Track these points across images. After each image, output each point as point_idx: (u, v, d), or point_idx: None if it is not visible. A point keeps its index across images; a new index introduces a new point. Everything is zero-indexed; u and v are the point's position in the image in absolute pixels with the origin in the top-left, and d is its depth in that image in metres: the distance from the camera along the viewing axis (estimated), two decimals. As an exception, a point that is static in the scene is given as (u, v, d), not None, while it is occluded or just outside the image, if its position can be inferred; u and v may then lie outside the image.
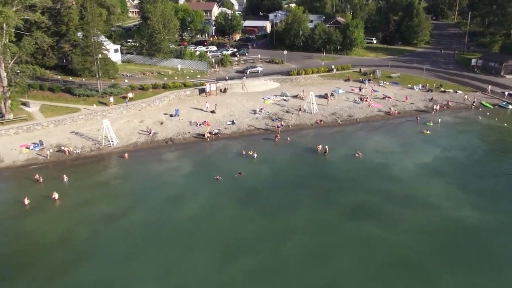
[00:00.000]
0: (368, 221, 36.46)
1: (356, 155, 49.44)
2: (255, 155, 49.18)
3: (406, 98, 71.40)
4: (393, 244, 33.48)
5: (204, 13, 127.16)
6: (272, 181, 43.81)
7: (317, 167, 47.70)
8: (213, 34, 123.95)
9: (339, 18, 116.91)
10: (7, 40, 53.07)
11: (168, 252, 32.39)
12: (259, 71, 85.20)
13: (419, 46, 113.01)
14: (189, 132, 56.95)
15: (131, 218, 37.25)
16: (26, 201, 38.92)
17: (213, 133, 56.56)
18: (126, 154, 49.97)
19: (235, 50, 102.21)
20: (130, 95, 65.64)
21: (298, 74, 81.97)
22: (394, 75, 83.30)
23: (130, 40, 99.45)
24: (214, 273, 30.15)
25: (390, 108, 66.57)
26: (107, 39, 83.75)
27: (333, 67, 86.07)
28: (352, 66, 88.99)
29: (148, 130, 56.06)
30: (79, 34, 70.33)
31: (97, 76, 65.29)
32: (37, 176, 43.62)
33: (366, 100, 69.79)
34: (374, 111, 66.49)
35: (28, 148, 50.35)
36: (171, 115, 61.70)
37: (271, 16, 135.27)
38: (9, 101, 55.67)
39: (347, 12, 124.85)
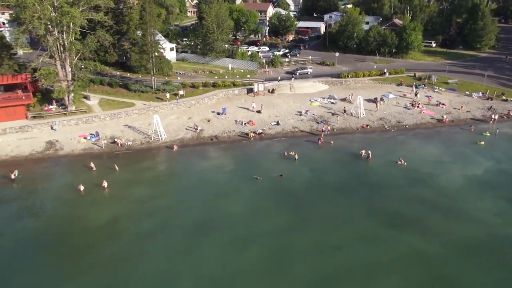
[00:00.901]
0: (408, 232, 35.45)
1: (399, 162, 48.02)
2: (296, 156, 49.40)
3: (461, 106, 67.72)
4: (434, 258, 32.26)
5: (259, 14, 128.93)
6: (311, 184, 43.83)
7: (359, 173, 46.95)
8: (267, 34, 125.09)
9: (396, 20, 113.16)
10: (73, 38, 57.53)
11: (207, 245, 33.66)
12: (309, 73, 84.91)
13: (483, 51, 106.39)
14: (234, 131, 58.34)
15: (174, 211, 39.09)
16: (81, 188, 42.20)
17: (257, 132, 57.48)
18: (175, 147, 52.40)
19: (287, 51, 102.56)
20: (181, 92, 68.42)
21: (348, 76, 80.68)
22: (451, 81, 79.26)
23: (186, 39, 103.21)
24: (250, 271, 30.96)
25: (442, 116, 63.57)
26: (164, 38, 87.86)
27: (385, 70, 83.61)
28: (406, 70, 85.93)
29: (195, 126, 58.20)
30: (139, 33, 74.31)
31: (152, 73, 68.72)
32: (92, 164, 47.01)
33: (418, 106, 67.21)
34: (425, 118, 63.87)
35: (86, 138, 54.34)
36: (218, 113, 63.51)
37: (325, 17, 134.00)
38: (72, 94, 60.31)
39: (406, 14, 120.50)
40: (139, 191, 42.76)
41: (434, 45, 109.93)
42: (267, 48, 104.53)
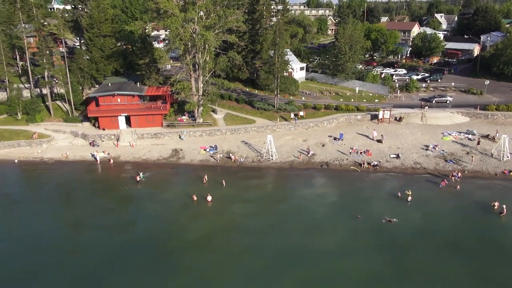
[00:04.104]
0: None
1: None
2: (410, 198, 44.13)
3: None
4: None
5: (402, 33, 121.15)
6: (421, 234, 38.37)
7: (486, 230, 39.29)
8: (407, 55, 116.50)
9: None
10: (207, 58, 62.93)
11: (288, 278, 32.61)
12: (448, 101, 75.60)
13: None
14: (347, 159, 55.45)
15: (266, 234, 38.80)
16: (195, 198, 45.25)
17: (372, 164, 53.47)
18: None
19: (427, 75, 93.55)
20: (301, 113, 68.34)
21: (497, 109, 69.12)
22: None
23: (317, 58, 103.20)
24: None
25: None
26: (295, 58, 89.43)
27: (550, 105, 68.98)
28: None
29: (308, 150, 57.27)
30: (271, 52, 77.22)
31: (276, 93, 70.44)
32: (205, 176, 50.24)
33: None
34: None
35: (205, 150, 58.54)
36: (334, 138, 61.35)
37: (483, 37, 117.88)
38: (201, 108, 65.89)
39: None
40: (239, 209, 43.86)
41: None
42: (404, 71, 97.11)
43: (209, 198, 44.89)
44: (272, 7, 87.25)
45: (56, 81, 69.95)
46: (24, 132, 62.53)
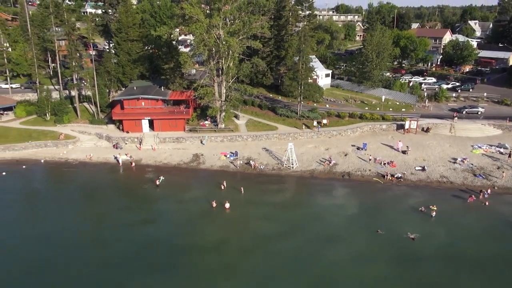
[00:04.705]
0: None
1: None
2: (434, 213, 42.32)
3: None
4: None
5: (432, 41, 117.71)
6: (445, 253, 36.52)
7: (515, 251, 37.17)
8: (438, 63, 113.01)
9: None
10: (231, 64, 62.91)
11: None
12: (479, 112, 72.62)
13: None
14: (369, 170, 53.95)
15: (280, 245, 38.04)
16: (214, 204, 45.02)
17: (396, 176, 51.77)
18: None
19: (457, 84, 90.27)
20: (324, 121, 67.22)
21: (533, 122, 65.80)
22: None
23: (344, 65, 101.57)
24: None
25: None
26: (320, 64, 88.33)
27: None
28: None
29: (329, 159, 56.12)
30: (296, 58, 76.53)
31: (299, 100, 69.62)
32: (224, 183, 49.97)
33: None
34: None
35: (226, 156, 58.35)
36: (358, 148, 59.92)
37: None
38: (224, 113, 65.89)
39: None
40: (257, 217, 43.32)
41: None
42: (433, 80, 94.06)
43: (227, 205, 44.56)
44: (299, 12, 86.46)
45: (84, 83, 71.72)
46: (51, 132, 64.32)
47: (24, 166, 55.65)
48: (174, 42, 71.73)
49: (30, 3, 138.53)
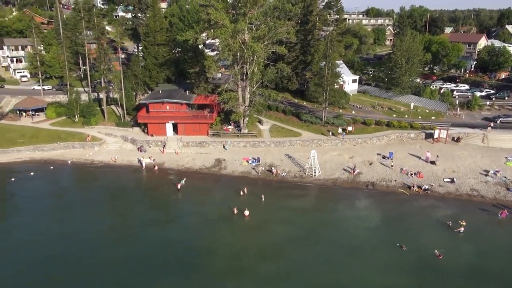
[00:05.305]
0: None
1: None
2: (463, 229, 40.30)
3: None
4: None
5: (466, 46, 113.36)
6: (473, 275, 34.44)
7: (551, 273, 34.77)
8: (472, 70, 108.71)
9: None
10: (255, 69, 62.56)
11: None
12: (515, 122, 69.22)
13: None
14: (395, 180, 52.18)
15: (299, 257, 37.10)
16: (235, 211, 44.63)
17: (423, 188, 49.80)
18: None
19: (492, 91, 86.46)
20: (349, 128, 65.75)
21: None
22: None
23: (372, 70, 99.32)
24: None
25: None
26: (348, 70, 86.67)
27: None
28: None
29: (354, 168, 54.71)
30: (322, 63, 75.38)
31: (324, 106, 68.43)
32: (245, 189, 49.53)
33: None
34: None
35: (248, 161, 57.94)
36: (383, 157, 58.16)
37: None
38: (247, 119, 65.59)
39: None
40: (276, 226, 42.58)
41: None
42: (466, 87, 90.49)
43: (247, 212, 44.07)
44: (327, 17, 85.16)
45: (113, 86, 73.26)
46: (79, 134, 65.95)
47: (51, 167, 57.18)
48: (200, 47, 72.14)
49: (65, 7, 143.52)
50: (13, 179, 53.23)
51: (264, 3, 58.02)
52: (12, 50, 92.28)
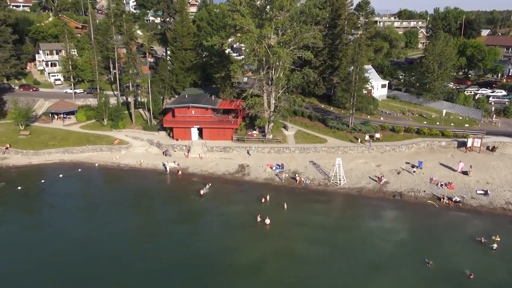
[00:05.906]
0: None
1: None
2: (496, 245, 38.08)
3: None
4: None
5: (504, 50, 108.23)
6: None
7: None
8: (510, 75, 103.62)
9: None
10: (281, 74, 61.87)
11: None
12: (557, 131, 65.22)
13: None
14: (424, 191, 50.13)
15: (323, 269, 36.15)
16: (259, 218, 44.00)
17: (453, 200, 47.55)
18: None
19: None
20: (377, 135, 63.90)
21: None
22: None
23: (403, 75, 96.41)
24: None
25: None
26: (376, 75, 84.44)
27: None
28: None
29: (381, 177, 52.98)
30: (350, 68, 73.78)
31: (351, 112, 66.86)
32: (267, 196, 48.91)
33: None
34: None
35: (271, 168, 57.28)
36: (412, 166, 56.07)
37: None
38: (272, 124, 64.97)
39: None
40: (298, 236, 41.70)
41: None
42: (503, 93, 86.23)
43: (267, 221, 43.42)
44: (356, 20, 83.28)
45: (141, 90, 74.46)
46: (107, 137, 67.33)
47: (79, 170, 58.53)
48: (227, 51, 72.16)
49: (99, 11, 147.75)
50: (43, 180, 54.85)
51: (290, 8, 57.20)
52: (47, 54, 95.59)
